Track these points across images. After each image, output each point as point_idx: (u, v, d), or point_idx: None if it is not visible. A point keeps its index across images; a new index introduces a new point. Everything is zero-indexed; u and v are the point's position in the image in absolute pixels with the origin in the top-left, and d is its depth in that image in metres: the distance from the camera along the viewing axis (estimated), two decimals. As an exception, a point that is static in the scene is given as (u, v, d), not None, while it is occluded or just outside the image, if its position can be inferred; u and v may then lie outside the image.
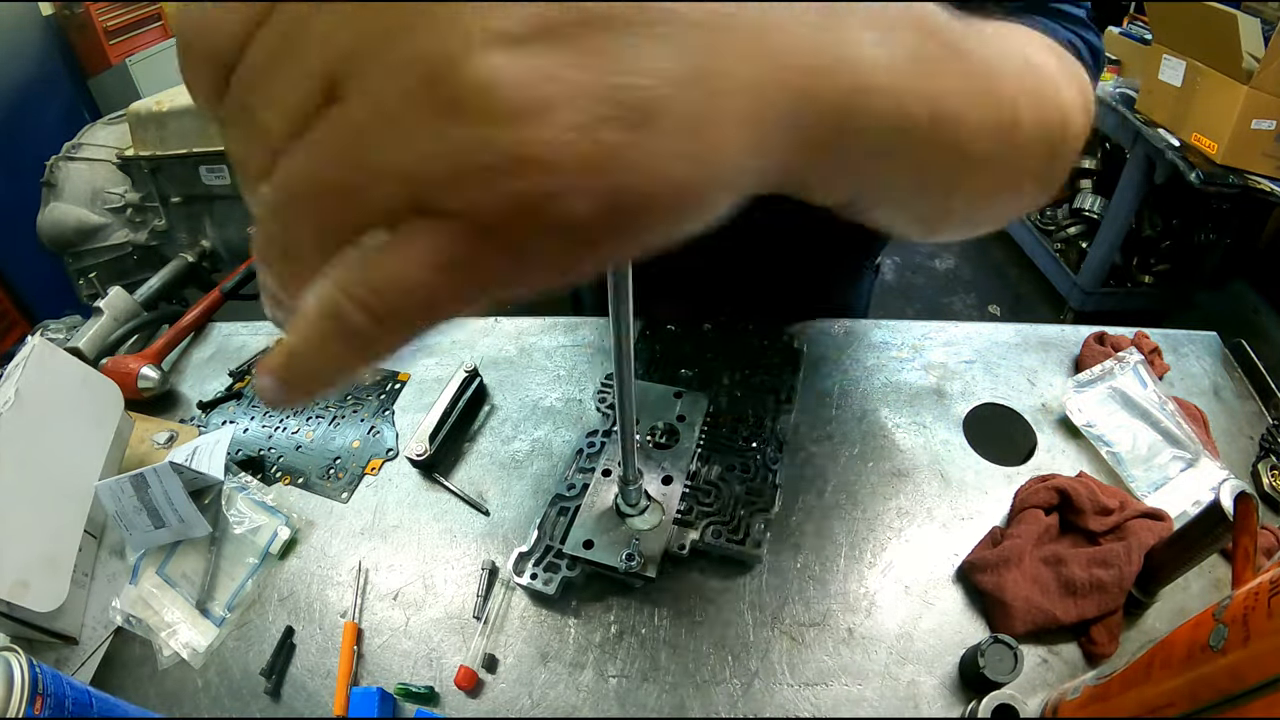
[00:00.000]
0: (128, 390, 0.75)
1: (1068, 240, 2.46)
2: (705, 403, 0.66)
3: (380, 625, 0.57)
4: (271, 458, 0.71)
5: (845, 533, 0.59)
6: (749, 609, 0.55)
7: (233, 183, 1.50)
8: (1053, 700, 0.46)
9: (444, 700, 0.52)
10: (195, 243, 1.58)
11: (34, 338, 0.69)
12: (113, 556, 0.64)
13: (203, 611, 0.58)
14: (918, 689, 0.50)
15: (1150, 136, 1.92)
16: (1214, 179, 1.73)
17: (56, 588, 0.56)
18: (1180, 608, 0.53)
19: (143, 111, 1.46)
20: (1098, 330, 0.74)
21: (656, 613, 0.55)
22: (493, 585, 0.58)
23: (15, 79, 2.40)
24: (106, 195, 1.61)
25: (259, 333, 0.87)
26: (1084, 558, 0.53)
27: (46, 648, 0.56)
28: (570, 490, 0.61)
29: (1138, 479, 0.61)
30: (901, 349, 0.75)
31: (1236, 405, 0.69)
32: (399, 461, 0.69)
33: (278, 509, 0.64)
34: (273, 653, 0.55)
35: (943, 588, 0.56)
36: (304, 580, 0.60)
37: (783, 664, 0.52)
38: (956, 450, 0.65)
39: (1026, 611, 0.51)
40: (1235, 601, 0.33)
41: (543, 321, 0.83)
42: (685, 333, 0.76)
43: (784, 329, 0.75)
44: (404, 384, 0.77)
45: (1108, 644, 0.50)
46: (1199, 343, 0.75)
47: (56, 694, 0.42)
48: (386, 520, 0.64)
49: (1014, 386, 0.71)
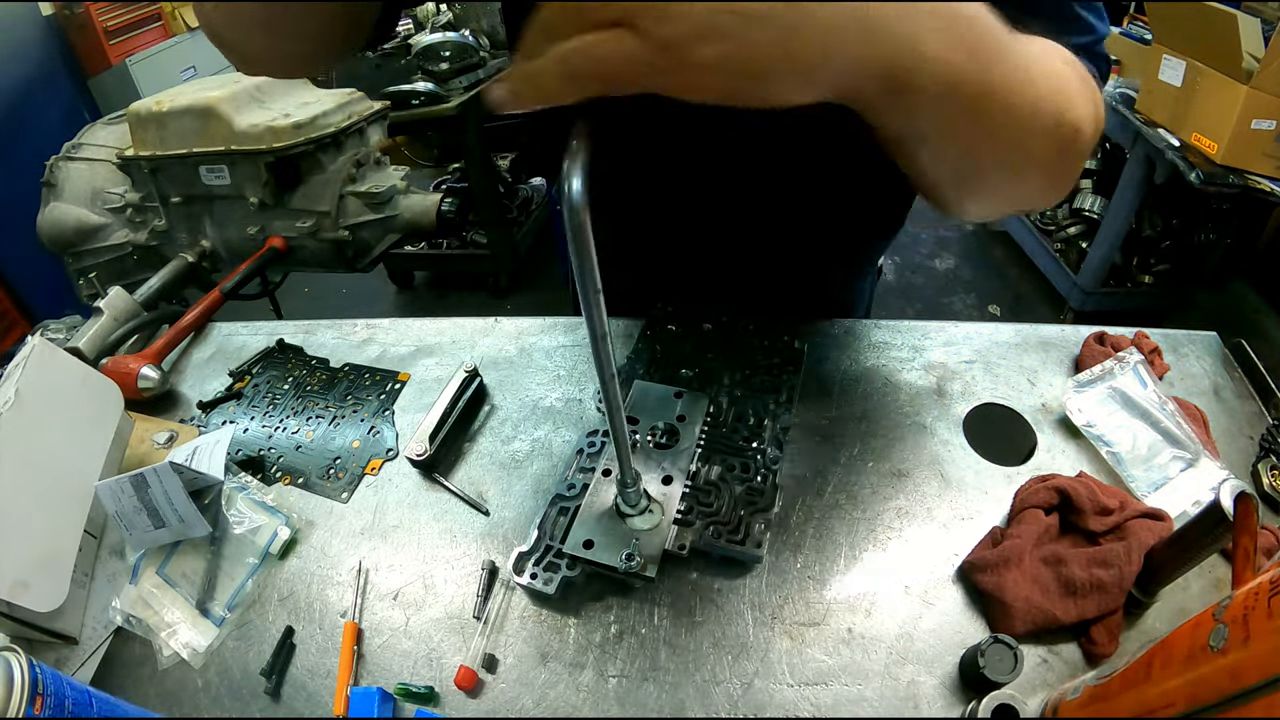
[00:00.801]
0: (128, 390, 0.75)
1: (1068, 240, 2.46)
2: (705, 403, 0.66)
3: (380, 625, 0.57)
4: (271, 458, 0.71)
5: (845, 533, 0.59)
6: (749, 609, 0.55)
7: (233, 182, 1.50)
8: (1053, 700, 0.46)
9: (444, 700, 0.52)
10: (195, 243, 1.58)
11: (34, 338, 0.69)
12: (113, 556, 0.64)
13: (203, 611, 0.58)
14: (918, 689, 0.50)
15: (1150, 136, 1.92)
16: (1214, 179, 1.73)
17: (56, 588, 0.56)
18: (1180, 608, 0.53)
19: (143, 111, 1.46)
20: (1098, 330, 0.74)
21: (656, 613, 0.55)
22: (493, 585, 0.58)
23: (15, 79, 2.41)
24: (106, 195, 1.61)
25: (259, 333, 0.87)
26: (1084, 558, 0.53)
27: (46, 648, 0.56)
28: (570, 490, 0.61)
29: (1138, 479, 0.61)
30: (901, 349, 0.75)
31: (1236, 405, 0.69)
32: (399, 461, 0.69)
33: (278, 509, 0.64)
34: (273, 653, 0.55)
35: (943, 588, 0.56)
36: (304, 580, 0.60)
37: (783, 664, 0.52)
38: (956, 450, 0.65)
39: (1026, 611, 0.51)
40: (1235, 601, 0.33)
41: (543, 321, 0.83)
42: (686, 332, 0.76)
43: (785, 329, 0.75)
44: (404, 384, 0.77)
45: (1108, 644, 0.50)
46: (1199, 343, 0.75)
47: (56, 694, 0.42)
48: (386, 520, 0.64)
49: (1014, 386, 0.71)
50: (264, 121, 1.44)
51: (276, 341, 0.85)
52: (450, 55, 2.26)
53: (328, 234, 1.55)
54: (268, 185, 1.49)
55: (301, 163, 1.52)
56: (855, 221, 0.72)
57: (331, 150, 1.55)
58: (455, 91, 2.26)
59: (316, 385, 0.79)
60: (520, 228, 2.80)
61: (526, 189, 2.98)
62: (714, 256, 0.76)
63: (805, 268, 0.78)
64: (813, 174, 0.65)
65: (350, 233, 1.57)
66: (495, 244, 2.64)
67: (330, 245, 1.56)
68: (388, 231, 1.61)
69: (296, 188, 1.54)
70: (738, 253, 0.75)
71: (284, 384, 0.79)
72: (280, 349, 0.84)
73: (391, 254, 1.79)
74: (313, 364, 0.82)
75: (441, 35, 2.28)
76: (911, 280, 2.80)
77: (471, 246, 2.73)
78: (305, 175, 1.54)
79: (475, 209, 2.49)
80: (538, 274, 2.83)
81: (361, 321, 0.86)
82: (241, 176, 1.49)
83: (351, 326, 0.86)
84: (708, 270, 0.77)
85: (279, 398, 0.78)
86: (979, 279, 2.79)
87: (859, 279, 0.87)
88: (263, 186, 1.49)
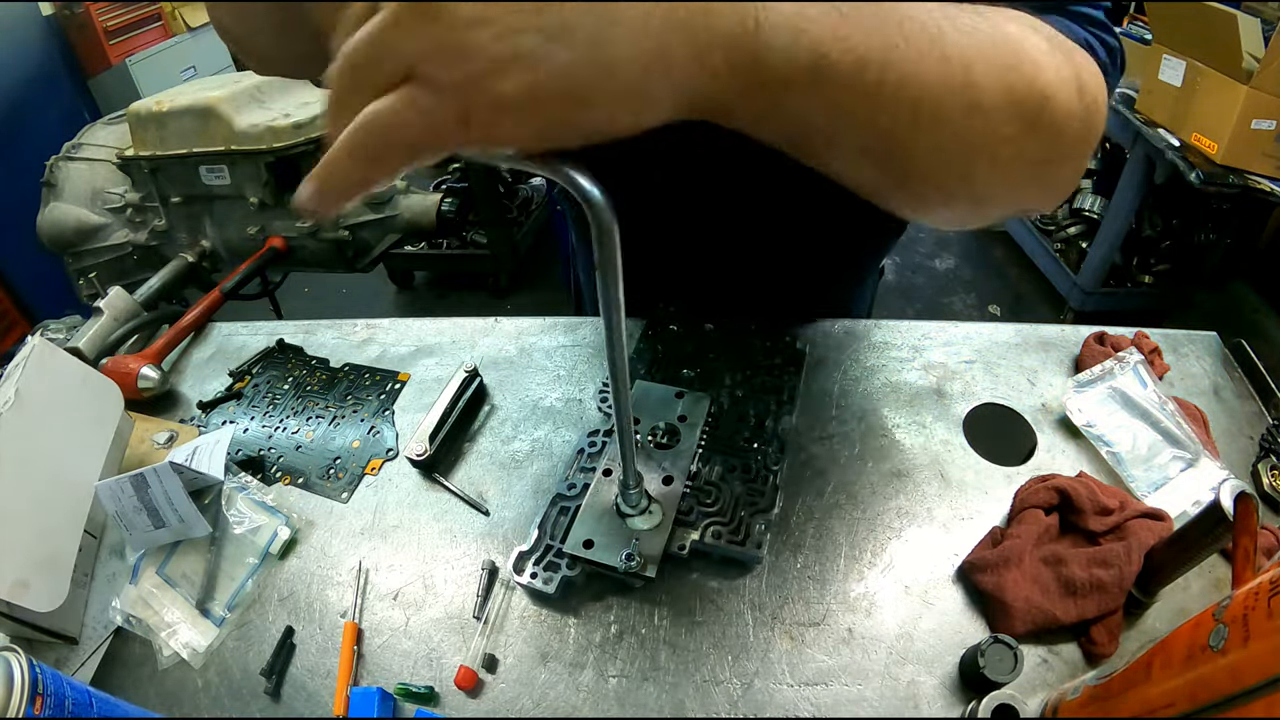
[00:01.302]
0: (128, 390, 0.75)
1: (1068, 240, 2.46)
2: (707, 403, 0.66)
3: (380, 625, 0.57)
4: (271, 458, 0.71)
5: (845, 533, 0.59)
6: (749, 609, 0.55)
7: (233, 182, 1.50)
8: (1053, 700, 0.46)
9: (444, 700, 0.52)
10: (195, 243, 1.58)
11: (34, 338, 0.69)
12: (113, 556, 0.64)
13: (203, 611, 0.58)
14: (918, 689, 0.50)
15: (1150, 136, 1.92)
16: (1214, 179, 1.73)
17: (56, 588, 0.56)
18: (1180, 608, 0.53)
19: (143, 111, 1.46)
20: (1098, 330, 0.74)
21: (656, 613, 0.55)
22: (493, 585, 0.58)
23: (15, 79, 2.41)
24: (106, 195, 1.61)
25: (259, 333, 0.87)
26: (1084, 558, 0.53)
27: (46, 648, 0.56)
28: (571, 490, 0.61)
29: (1138, 479, 0.61)
30: (901, 349, 0.75)
31: (1236, 405, 0.69)
32: (399, 461, 0.69)
33: (278, 509, 0.64)
34: (273, 653, 0.55)
35: (943, 588, 0.56)
36: (304, 580, 0.60)
37: (783, 664, 0.52)
38: (956, 450, 0.65)
39: (1026, 611, 0.51)
40: (1235, 601, 0.33)
41: (543, 321, 0.83)
42: (688, 333, 0.76)
43: (786, 330, 0.75)
44: (404, 384, 0.77)
45: (1108, 644, 0.50)
46: (1199, 343, 0.75)
47: (56, 694, 0.42)
48: (386, 520, 0.64)
49: (1014, 386, 0.71)
50: (264, 121, 1.44)
51: (276, 341, 0.84)
52: (450, 55, 2.25)
53: (328, 234, 1.55)
54: (268, 185, 1.49)
55: (301, 163, 1.52)
56: (858, 226, 0.72)
57: (331, 150, 1.55)
58: (455, 91, 2.25)
59: (316, 385, 0.79)
60: (520, 228, 2.80)
61: (526, 189, 2.98)
62: (717, 260, 0.76)
63: (808, 272, 0.78)
64: (816, 179, 0.64)
65: (350, 233, 1.57)
66: (495, 244, 2.64)
67: (330, 245, 1.57)
68: (388, 231, 1.61)
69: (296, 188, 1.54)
70: (741, 257, 0.75)
71: (284, 384, 0.79)
72: (280, 349, 0.84)
73: (391, 254, 1.79)
74: (313, 364, 0.82)
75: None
76: (911, 280, 2.80)
77: (471, 246, 2.73)
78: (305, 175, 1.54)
79: (475, 209, 2.49)
80: (538, 274, 2.83)
81: (361, 321, 0.86)
82: (241, 176, 1.49)
83: (351, 326, 0.86)
84: (711, 272, 0.77)
85: (279, 398, 0.78)
86: (979, 279, 2.79)
87: (861, 282, 0.87)
88: (263, 186, 1.49)
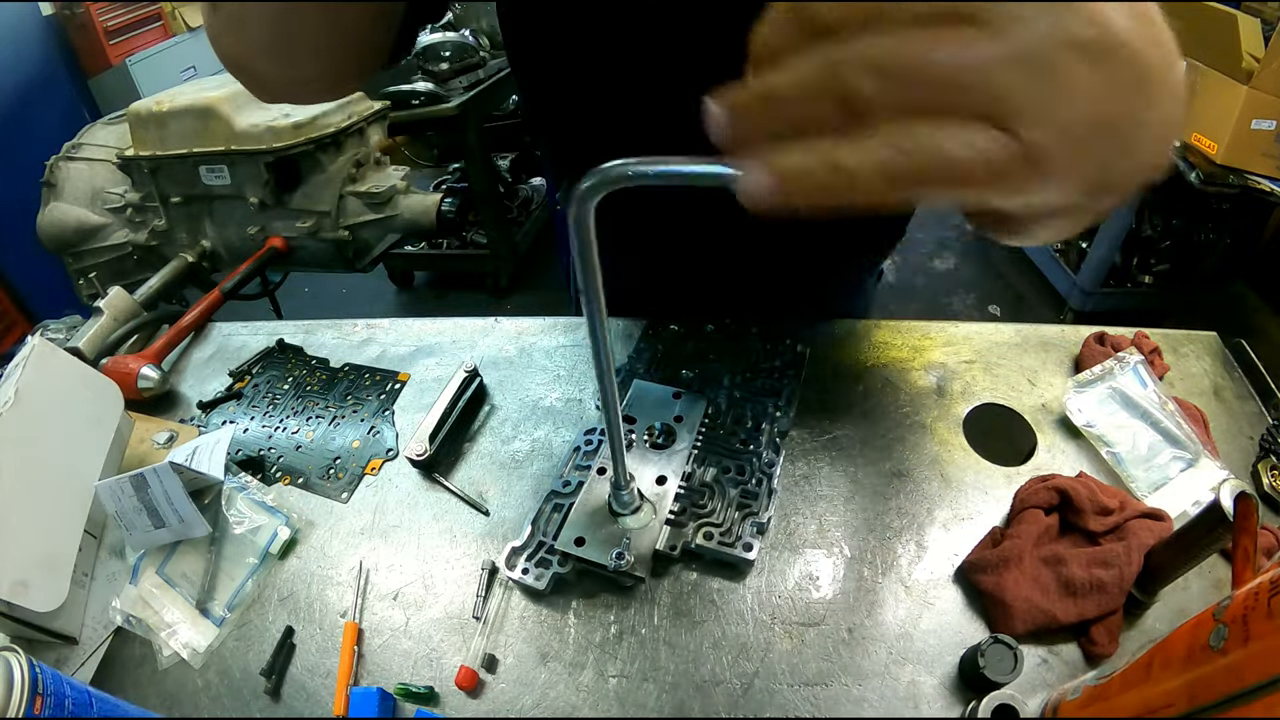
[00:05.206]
0: (128, 390, 0.75)
1: (1068, 240, 2.46)
2: (703, 404, 0.66)
3: (380, 625, 0.57)
4: (271, 458, 0.71)
5: (845, 533, 0.59)
6: (749, 609, 0.55)
7: (233, 182, 1.50)
8: (1053, 700, 0.46)
9: (444, 700, 0.52)
10: (195, 243, 1.58)
11: (34, 338, 0.69)
12: (113, 556, 0.64)
13: (203, 611, 0.58)
14: (918, 689, 0.50)
15: (1150, 137, 1.92)
16: (1214, 179, 1.73)
17: (56, 588, 0.56)
18: (1180, 608, 0.53)
19: (143, 111, 1.46)
20: (1098, 330, 0.74)
21: (656, 613, 0.55)
22: (492, 585, 0.58)
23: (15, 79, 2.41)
24: (106, 195, 1.61)
25: (259, 333, 0.87)
26: (1084, 558, 0.53)
27: (46, 648, 0.56)
28: (565, 487, 0.61)
29: (1138, 479, 0.61)
30: (901, 349, 0.75)
31: (1236, 405, 0.69)
32: (399, 461, 0.69)
33: (278, 509, 0.64)
34: (273, 653, 0.55)
35: (943, 588, 0.56)
36: (304, 580, 0.60)
37: (783, 664, 0.52)
38: (956, 450, 0.65)
39: (1026, 611, 0.51)
40: (1235, 601, 0.33)
41: (543, 321, 0.83)
42: (688, 333, 0.76)
43: (788, 331, 0.75)
44: (404, 384, 0.77)
45: (1108, 644, 0.50)
46: (1199, 343, 0.75)
47: (56, 694, 0.42)
48: (386, 520, 0.64)
49: (1014, 386, 0.71)
50: (264, 121, 1.44)
51: (276, 341, 0.84)
52: (450, 55, 2.26)
53: (328, 234, 1.55)
54: (268, 185, 1.49)
55: (301, 163, 1.52)
56: (860, 231, 0.72)
57: (331, 150, 1.55)
58: (455, 91, 2.26)
59: (316, 385, 0.79)
60: (520, 228, 2.80)
61: (526, 189, 2.99)
62: (719, 263, 0.76)
63: (810, 275, 0.78)
64: None
65: (350, 233, 1.57)
66: (495, 244, 2.64)
67: (330, 245, 1.57)
68: (388, 231, 1.61)
69: (296, 188, 1.54)
70: (743, 260, 0.75)
71: (284, 384, 0.79)
72: (280, 349, 0.84)
73: (391, 254, 1.79)
74: (313, 364, 0.82)
75: (441, 35, 2.29)
76: (911, 280, 2.80)
77: (471, 246, 2.73)
78: (305, 175, 1.54)
79: (475, 209, 2.49)
80: (538, 274, 2.83)
81: (361, 321, 0.86)
82: (241, 176, 1.49)
83: (351, 326, 0.86)
84: (713, 275, 0.77)
85: (279, 398, 0.78)
86: (979, 279, 2.79)
87: (862, 284, 0.88)
88: (263, 186, 1.49)
